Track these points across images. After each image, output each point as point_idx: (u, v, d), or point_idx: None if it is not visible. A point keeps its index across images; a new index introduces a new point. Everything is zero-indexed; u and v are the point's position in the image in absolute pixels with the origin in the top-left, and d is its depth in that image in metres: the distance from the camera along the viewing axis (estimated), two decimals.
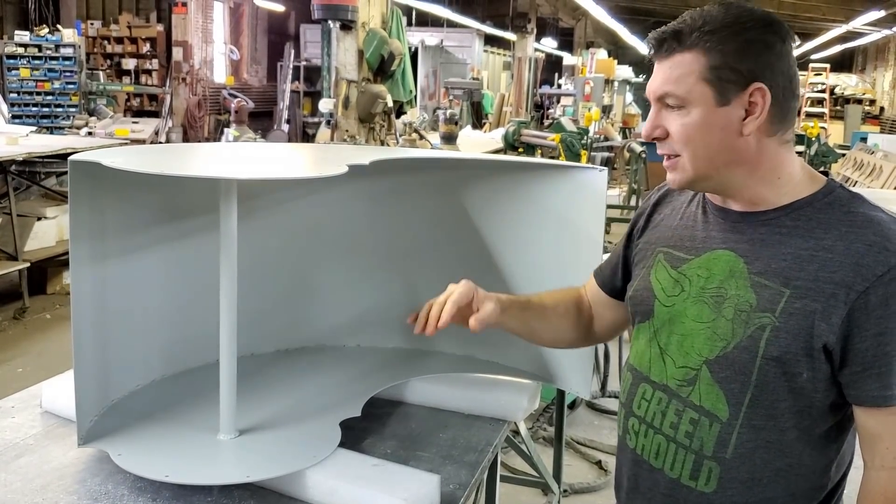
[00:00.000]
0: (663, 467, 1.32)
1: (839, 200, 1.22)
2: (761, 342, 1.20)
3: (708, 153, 1.22)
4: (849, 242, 1.16)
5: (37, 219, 6.23)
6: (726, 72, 1.18)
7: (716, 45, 1.18)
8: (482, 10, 19.10)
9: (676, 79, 1.21)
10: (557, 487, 2.89)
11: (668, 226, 1.41)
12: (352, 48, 6.95)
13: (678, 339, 1.31)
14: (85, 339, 1.58)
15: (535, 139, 8.67)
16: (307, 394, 1.88)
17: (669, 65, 1.22)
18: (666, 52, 1.22)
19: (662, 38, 1.23)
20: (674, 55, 1.21)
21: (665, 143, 1.26)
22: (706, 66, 1.19)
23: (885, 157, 9.31)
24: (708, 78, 1.19)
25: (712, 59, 1.18)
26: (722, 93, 1.19)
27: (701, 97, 1.20)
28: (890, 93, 21.45)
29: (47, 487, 1.48)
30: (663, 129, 1.25)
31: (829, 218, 1.20)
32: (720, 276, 1.27)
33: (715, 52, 1.18)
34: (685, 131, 1.22)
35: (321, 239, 2.13)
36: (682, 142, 1.23)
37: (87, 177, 1.52)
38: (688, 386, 1.29)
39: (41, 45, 11.75)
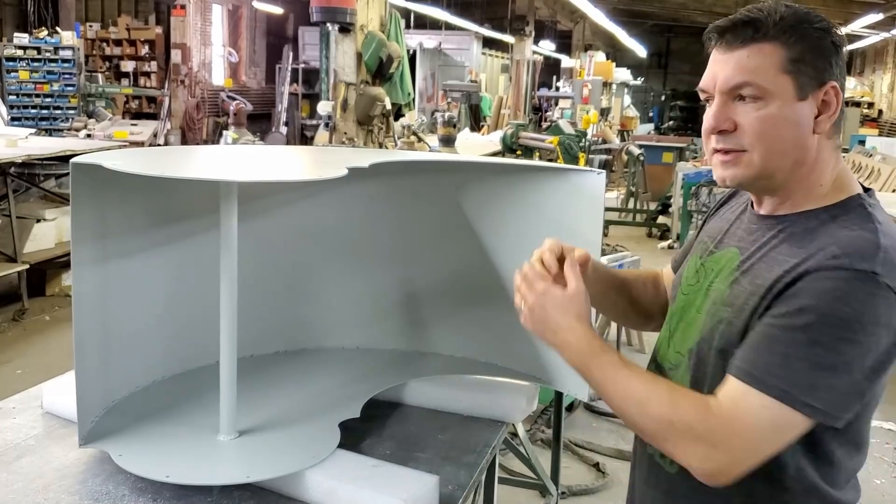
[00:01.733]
0: (647, 445, 1.38)
1: (845, 215, 1.18)
2: (716, 334, 1.23)
3: (781, 148, 1.18)
4: (814, 251, 1.13)
5: (36, 221, 6.23)
6: (806, 66, 1.17)
7: (795, 39, 1.17)
8: (480, 13, 19.12)
9: (756, 68, 1.17)
10: (555, 489, 2.90)
11: (719, 217, 1.43)
12: (350, 51, 6.96)
13: (683, 327, 1.35)
14: (86, 340, 1.59)
15: (533, 142, 8.69)
16: (307, 395, 1.89)
17: (746, 53, 1.17)
18: (741, 42, 1.18)
19: (735, 26, 1.19)
20: (751, 45, 1.17)
21: (731, 137, 1.20)
22: (787, 58, 1.16)
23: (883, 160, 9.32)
24: (789, 70, 1.16)
25: (793, 51, 1.16)
26: (801, 87, 1.17)
27: (781, 89, 1.17)
28: (888, 96, 21.48)
29: (48, 488, 1.49)
30: (732, 122, 1.19)
31: (823, 230, 1.18)
32: (721, 272, 1.29)
33: (796, 46, 1.16)
34: (761, 124, 1.17)
35: (320, 241, 2.14)
36: (756, 135, 1.18)
37: (89, 179, 1.53)
38: (674, 370, 1.35)
39: (40, 48, 11.77)
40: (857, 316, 1.07)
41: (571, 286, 1.28)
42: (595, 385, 1.26)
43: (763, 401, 1.10)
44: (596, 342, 1.24)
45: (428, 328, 2.20)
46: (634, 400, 1.19)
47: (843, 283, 1.08)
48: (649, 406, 1.17)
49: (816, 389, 1.08)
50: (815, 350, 1.07)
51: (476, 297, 2.11)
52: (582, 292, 1.28)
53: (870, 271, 1.08)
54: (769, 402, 1.09)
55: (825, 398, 1.08)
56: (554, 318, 1.27)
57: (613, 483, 3.67)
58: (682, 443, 1.14)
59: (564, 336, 1.26)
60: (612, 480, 3.69)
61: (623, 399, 1.21)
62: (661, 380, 1.27)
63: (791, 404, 1.08)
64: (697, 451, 1.13)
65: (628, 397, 1.20)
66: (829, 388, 1.08)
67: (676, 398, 1.17)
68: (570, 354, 1.26)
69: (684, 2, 18.44)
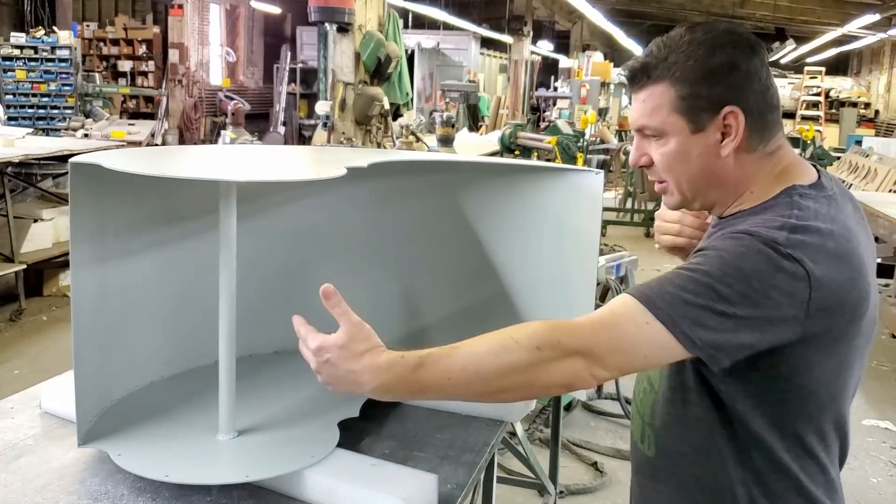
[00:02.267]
0: (633, 431, 1.45)
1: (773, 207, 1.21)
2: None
3: (690, 177, 1.26)
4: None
5: (33, 221, 6.23)
6: (696, 100, 1.21)
7: (683, 75, 1.21)
8: (478, 13, 19.13)
9: (650, 111, 1.24)
10: (553, 488, 2.91)
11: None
12: (348, 51, 6.96)
13: None
14: (85, 339, 1.58)
15: (531, 142, 8.70)
16: (305, 394, 1.89)
17: (643, 97, 1.25)
18: (638, 86, 1.26)
19: (633, 72, 1.26)
20: (645, 88, 1.25)
21: (652, 170, 1.30)
22: (675, 96, 1.21)
23: (879, 160, 9.34)
24: (679, 108, 1.22)
25: (680, 89, 1.21)
26: (695, 121, 1.22)
27: (675, 127, 1.23)
28: (885, 96, 21.53)
29: (47, 487, 1.49)
30: (648, 157, 1.28)
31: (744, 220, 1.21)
32: None
33: (682, 83, 1.21)
34: (665, 160, 1.26)
35: (319, 240, 2.14)
36: (665, 170, 1.27)
37: (88, 178, 1.53)
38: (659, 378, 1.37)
39: (37, 47, 11.75)
40: (756, 275, 1.10)
41: (342, 327, 1.19)
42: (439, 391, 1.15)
43: (647, 317, 1.12)
44: (406, 359, 1.14)
45: (427, 327, 2.20)
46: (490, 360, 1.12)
47: (748, 244, 1.13)
48: (509, 355, 1.11)
49: (700, 327, 1.10)
50: (710, 293, 1.11)
51: (475, 296, 2.12)
52: (354, 327, 1.18)
53: (771, 239, 1.12)
54: (653, 322, 1.11)
55: (706, 337, 1.11)
56: (344, 369, 1.17)
57: (611, 482, 3.68)
58: (555, 364, 1.12)
59: (365, 379, 1.15)
60: (610, 479, 3.69)
61: (479, 373, 1.12)
62: (498, 331, 1.18)
63: (672, 330, 1.11)
64: (572, 363, 1.12)
65: (482, 365, 1.12)
66: (712, 329, 1.10)
67: (531, 330, 1.14)
68: (388, 389, 1.16)
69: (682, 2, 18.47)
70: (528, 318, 1.99)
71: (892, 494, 3.80)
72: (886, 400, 4.82)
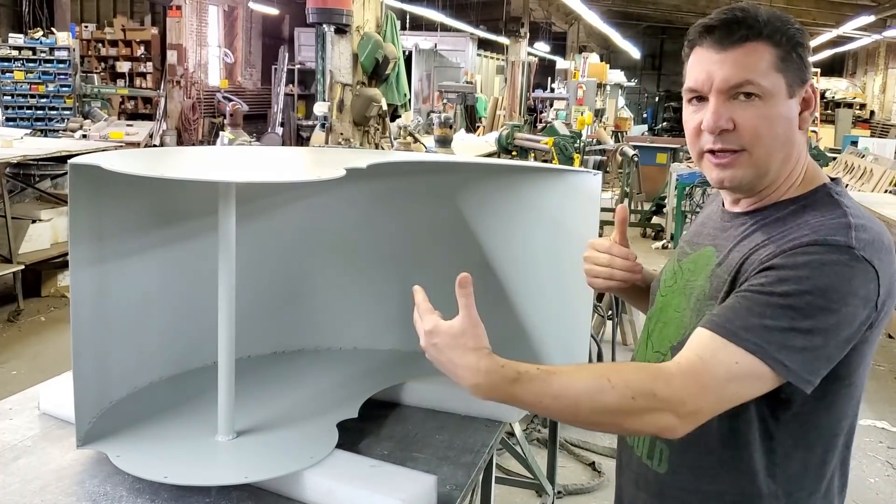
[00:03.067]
0: (634, 445, 1.39)
1: (814, 205, 1.21)
2: None
3: (776, 146, 1.20)
4: (786, 233, 1.16)
5: (31, 221, 6.22)
6: (792, 65, 1.19)
7: (784, 39, 1.19)
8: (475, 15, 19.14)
9: (754, 67, 1.17)
10: (551, 489, 2.91)
11: (696, 223, 1.46)
12: (346, 52, 6.96)
13: (661, 327, 1.37)
14: (84, 341, 1.59)
15: (528, 143, 8.70)
16: (304, 395, 1.89)
17: (743, 52, 1.18)
18: (737, 40, 1.18)
19: (730, 24, 1.19)
20: (745, 44, 1.18)
21: (729, 137, 1.20)
22: (778, 56, 1.18)
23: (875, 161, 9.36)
24: (781, 68, 1.18)
25: (782, 51, 1.18)
26: (790, 85, 1.19)
27: (777, 88, 1.18)
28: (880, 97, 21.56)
29: (46, 489, 1.49)
30: (732, 121, 1.19)
31: (793, 219, 1.20)
32: (699, 270, 1.31)
33: (784, 45, 1.18)
34: (760, 123, 1.18)
35: (318, 241, 2.15)
36: (754, 134, 1.19)
37: (87, 179, 1.53)
38: None
39: (35, 48, 11.72)
40: (835, 286, 1.09)
41: (460, 317, 1.18)
42: (531, 407, 1.17)
43: (735, 354, 1.09)
44: (505, 369, 1.14)
45: None
46: (584, 399, 1.11)
47: (822, 256, 1.10)
48: (603, 397, 1.10)
49: (790, 349, 1.09)
50: (792, 314, 1.09)
51: (473, 297, 2.12)
52: (470, 322, 1.17)
53: (845, 245, 1.11)
54: (741, 355, 1.09)
55: (797, 358, 1.09)
56: (446, 357, 1.17)
57: (609, 482, 3.68)
58: (648, 416, 1.10)
59: (462, 374, 1.16)
60: (607, 479, 3.70)
61: (571, 407, 1.13)
62: (594, 366, 1.23)
63: (763, 358, 1.09)
64: (664, 417, 1.10)
65: (576, 401, 1.12)
66: (802, 349, 1.09)
67: (627, 376, 1.12)
68: (482, 392, 1.16)
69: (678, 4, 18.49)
70: (527, 317, 1.99)
71: (889, 494, 3.80)
72: (883, 400, 4.83)
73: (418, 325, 1.23)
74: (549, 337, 1.97)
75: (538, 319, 1.97)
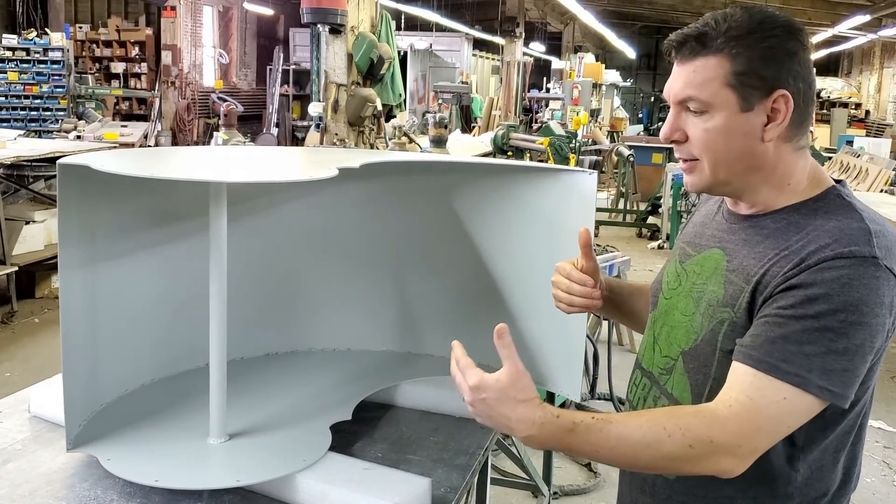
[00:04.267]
0: None
1: (825, 207, 1.21)
2: (720, 336, 1.23)
3: (728, 158, 1.21)
4: (806, 243, 1.16)
5: (25, 223, 6.20)
6: (751, 78, 1.18)
7: (741, 51, 1.17)
8: (471, 15, 19.14)
9: (700, 83, 1.20)
10: (547, 490, 2.90)
11: (693, 223, 1.46)
12: (341, 52, 6.95)
13: (668, 331, 1.35)
14: (74, 343, 1.57)
15: (523, 143, 8.70)
16: (297, 397, 1.88)
17: (692, 68, 1.20)
18: (689, 55, 1.21)
19: (685, 40, 1.21)
20: (697, 58, 1.20)
21: (683, 147, 1.25)
22: (731, 71, 1.18)
23: (870, 161, 9.37)
24: (732, 83, 1.18)
25: (737, 64, 1.18)
26: (746, 98, 1.18)
27: (724, 102, 1.19)
28: (875, 96, 21.62)
29: (35, 493, 1.47)
30: (683, 133, 1.24)
31: (806, 222, 1.19)
32: (707, 273, 1.30)
33: (740, 58, 1.17)
34: (707, 136, 1.21)
35: (311, 242, 2.13)
36: (703, 147, 1.22)
37: (76, 180, 1.52)
38: (666, 374, 1.34)
39: (29, 49, 11.69)
40: (865, 299, 1.10)
41: (505, 370, 1.16)
42: (586, 455, 1.20)
43: (781, 390, 1.11)
44: (560, 420, 1.14)
45: (420, 329, 2.19)
46: (642, 448, 1.12)
47: (848, 270, 1.10)
48: (661, 447, 1.12)
49: (831, 373, 1.10)
50: (828, 335, 1.10)
51: (468, 297, 2.11)
52: (516, 373, 1.15)
53: (870, 256, 1.11)
54: (786, 390, 1.11)
55: (839, 381, 1.11)
56: (498, 411, 1.16)
57: (605, 483, 3.67)
58: (706, 461, 1.12)
59: (517, 427, 1.15)
60: (603, 480, 3.69)
61: (629, 456, 1.15)
62: (652, 412, 1.22)
63: (807, 389, 1.10)
64: (723, 461, 1.12)
65: (634, 450, 1.13)
66: (843, 371, 1.11)
67: (683, 423, 1.12)
68: (537, 442, 1.17)
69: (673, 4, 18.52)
70: (522, 318, 1.98)
71: (886, 494, 3.80)
72: (879, 400, 4.83)
73: (459, 381, 1.20)
74: (546, 337, 1.95)
75: (534, 319, 1.96)
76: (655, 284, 1.46)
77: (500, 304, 2.02)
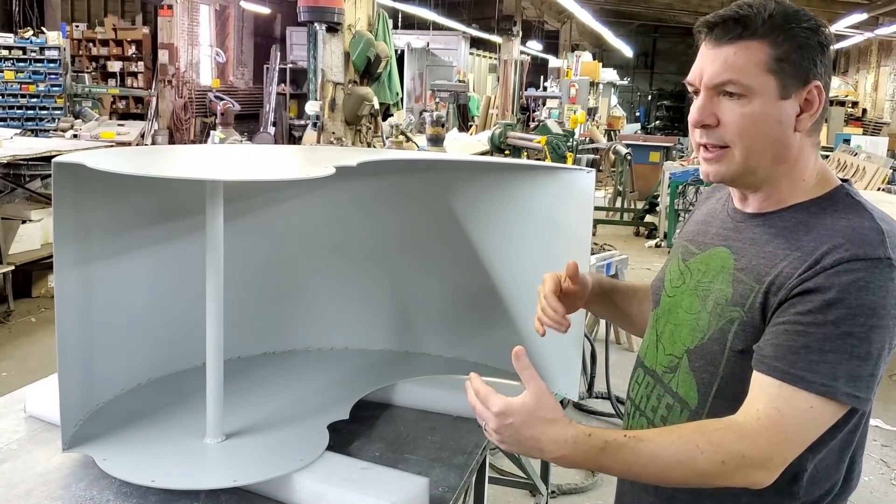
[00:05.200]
0: None
1: (835, 206, 1.21)
2: (729, 335, 1.22)
3: (762, 146, 1.20)
4: (818, 243, 1.15)
5: (21, 222, 6.18)
6: (791, 66, 1.17)
7: (784, 38, 1.17)
8: (468, 13, 19.12)
9: (741, 66, 1.17)
10: (545, 489, 2.90)
11: (695, 221, 1.44)
12: (338, 50, 6.94)
13: (671, 329, 1.35)
14: (69, 342, 1.56)
15: (521, 141, 8.69)
16: (294, 397, 1.87)
17: (733, 50, 1.18)
18: (728, 38, 1.18)
19: (724, 22, 1.19)
20: (738, 42, 1.18)
21: (713, 132, 1.21)
22: (772, 57, 1.17)
23: (867, 159, 9.38)
24: (774, 69, 1.17)
25: (779, 50, 1.17)
26: (785, 86, 1.18)
27: (764, 88, 1.18)
28: (872, 95, 21.64)
29: (31, 493, 1.46)
30: (715, 117, 1.21)
31: (816, 221, 1.19)
32: (713, 272, 1.29)
33: (782, 45, 1.17)
34: (743, 122, 1.19)
35: (308, 241, 2.13)
36: (738, 132, 1.19)
37: (72, 179, 1.51)
38: (670, 373, 1.33)
39: (25, 48, 11.68)
40: (882, 302, 1.10)
41: (529, 392, 1.16)
42: (618, 473, 1.20)
43: (808, 399, 1.11)
44: (592, 439, 1.14)
45: (417, 328, 2.19)
46: (674, 466, 1.13)
47: (865, 273, 1.11)
48: (694, 464, 1.12)
49: (858, 379, 1.11)
50: (850, 341, 1.10)
51: (466, 296, 2.10)
52: (541, 393, 1.15)
53: (885, 257, 1.11)
54: (813, 400, 1.11)
55: (863, 386, 1.12)
56: (527, 435, 1.15)
57: (603, 482, 3.67)
58: (738, 475, 1.12)
59: (549, 448, 1.15)
60: (601, 479, 3.69)
61: (661, 473, 1.15)
62: (683, 428, 1.20)
63: (834, 396, 1.11)
64: (755, 474, 1.12)
65: (666, 468, 1.13)
66: (870, 376, 1.12)
67: (714, 439, 1.12)
68: (568, 462, 1.17)
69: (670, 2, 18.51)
70: (520, 317, 1.97)
71: (884, 493, 3.81)
72: (877, 398, 4.78)
73: (480, 410, 1.19)
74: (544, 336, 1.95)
75: (532, 318, 1.95)
76: (657, 282, 1.45)
77: (497, 303, 2.02)
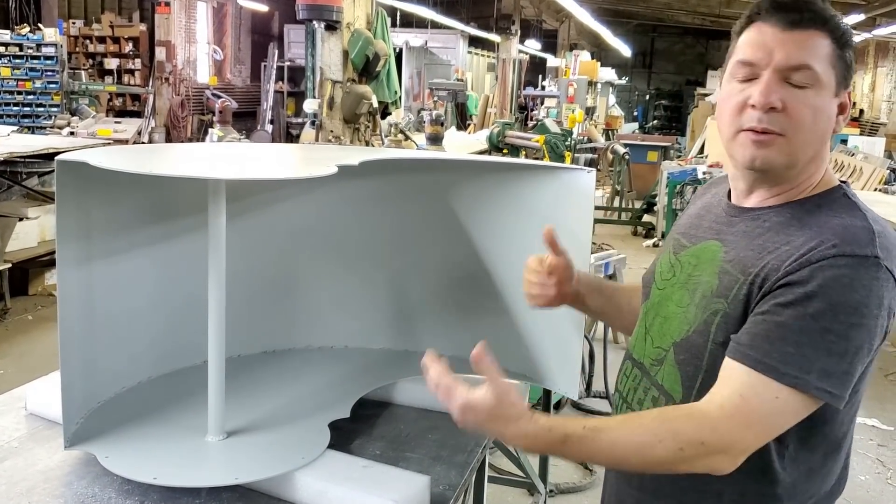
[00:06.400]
0: None
1: (830, 205, 1.21)
2: (713, 327, 1.22)
3: (812, 140, 1.19)
4: (808, 239, 1.15)
5: (18, 219, 6.17)
6: (843, 65, 1.18)
7: (843, 36, 1.18)
8: (466, 12, 19.11)
9: (816, 55, 1.16)
10: (543, 487, 2.90)
11: (689, 215, 1.44)
12: (336, 49, 6.94)
13: (660, 322, 1.35)
14: (71, 340, 1.56)
15: (519, 140, 8.70)
16: (296, 395, 1.87)
17: (806, 37, 1.16)
18: (803, 24, 1.16)
19: (800, 8, 1.17)
20: (811, 29, 1.16)
21: (776, 118, 1.17)
22: (835, 53, 1.17)
23: (865, 159, 9.40)
24: (836, 65, 1.18)
25: (839, 47, 1.18)
26: (839, 83, 1.19)
27: (828, 82, 1.18)
28: (869, 95, 21.68)
29: (33, 491, 1.46)
30: (782, 102, 1.16)
31: (810, 218, 1.19)
32: (703, 265, 1.29)
33: (843, 45, 1.18)
34: (807, 113, 1.16)
35: (309, 239, 2.13)
36: (799, 122, 1.17)
37: (74, 177, 1.51)
38: (657, 365, 1.33)
39: (22, 45, 11.63)
40: (865, 300, 1.09)
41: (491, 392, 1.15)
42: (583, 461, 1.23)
43: (775, 389, 1.10)
44: (552, 433, 1.14)
45: (417, 327, 2.19)
46: (633, 454, 1.14)
47: (849, 270, 1.10)
48: (652, 451, 1.12)
49: (831, 375, 1.10)
50: (828, 337, 1.09)
51: (466, 295, 2.11)
52: (502, 392, 1.15)
53: (872, 256, 1.10)
54: (781, 390, 1.10)
55: (837, 383, 1.10)
56: (489, 428, 1.18)
57: (601, 481, 3.67)
58: (698, 461, 1.12)
59: (511, 440, 1.19)
60: (599, 478, 3.69)
61: (621, 461, 1.18)
62: (644, 415, 1.23)
63: (805, 390, 1.10)
64: (715, 460, 1.12)
65: (625, 456, 1.15)
66: (843, 373, 1.10)
67: (673, 427, 1.13)
68: (532, 452, 1.19)
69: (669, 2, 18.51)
70: (520, 316, 1.98)
71: (880, 492, 3.82)
72: (873, 398, 4.85)
73: (442, 399, 1.21)
74: (543, 335, 1.96)
75: (531, 318, 1.96)
76: (648, 276, 1.45)
77: (497, 303, 2.02)
